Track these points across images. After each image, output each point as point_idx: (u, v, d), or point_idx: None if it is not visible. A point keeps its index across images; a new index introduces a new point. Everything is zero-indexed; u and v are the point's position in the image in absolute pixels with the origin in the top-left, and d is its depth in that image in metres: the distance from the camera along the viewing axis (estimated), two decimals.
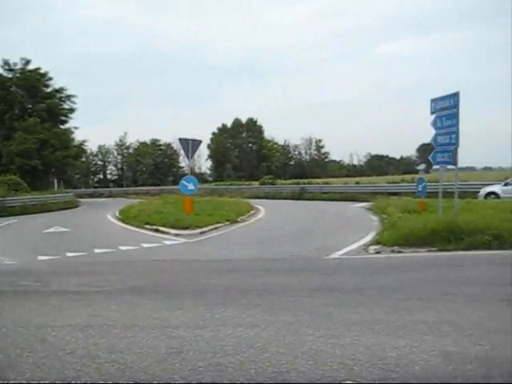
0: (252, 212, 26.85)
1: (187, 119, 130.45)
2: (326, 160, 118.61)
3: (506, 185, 28.10)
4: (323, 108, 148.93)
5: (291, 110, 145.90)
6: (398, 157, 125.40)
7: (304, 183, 51.09)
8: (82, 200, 49.62)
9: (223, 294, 7.64)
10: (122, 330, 5.63)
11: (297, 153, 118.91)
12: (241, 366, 4.46)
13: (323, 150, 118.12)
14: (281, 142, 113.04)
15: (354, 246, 13.06)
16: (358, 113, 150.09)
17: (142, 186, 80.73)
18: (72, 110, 54.90)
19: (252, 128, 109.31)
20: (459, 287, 7.73)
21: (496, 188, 28.46)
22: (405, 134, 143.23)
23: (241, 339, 5.18)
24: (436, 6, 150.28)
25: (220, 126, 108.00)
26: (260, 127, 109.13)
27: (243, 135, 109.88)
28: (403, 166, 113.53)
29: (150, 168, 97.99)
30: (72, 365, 4.61)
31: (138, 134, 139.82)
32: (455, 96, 14.00)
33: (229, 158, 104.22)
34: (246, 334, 5.37)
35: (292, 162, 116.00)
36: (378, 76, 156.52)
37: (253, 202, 33.03)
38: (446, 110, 14.36)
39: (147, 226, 19.92)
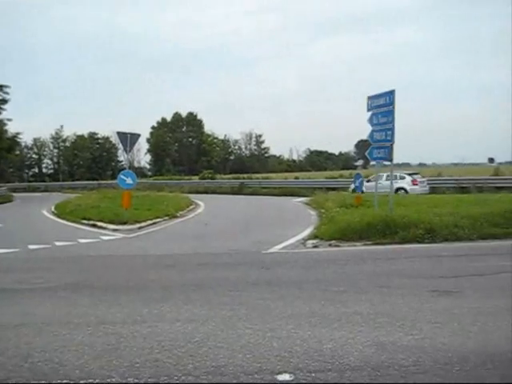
0: (191, 207, 26.73)
1: (126, 112, 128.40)
2: (266, 155, 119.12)
3: (368, 181, 30.32)
4: (263, 103, 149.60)
5: (232, 104, 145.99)
6: (336, 152, 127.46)
7: (244, 178, 51.24)
8: (16, 194, 47.83)
9: (161, 289, 7.60)
10: (57, 328, 5.52)
11: (237, 148, 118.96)
12: (178, 361, 4.45)
13: (263, 145, 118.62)
14: (221, 137, 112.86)
15: (293, 241, 13.19)
16: (297, 108, 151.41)
17: (79, 180, 78.60)
18: (4, 101, 52.74)
19: (192, 122, 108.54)
20: (393, 279, 7.98)
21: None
22: (343, 130, 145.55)
23: (178, 334, 5.18)
24: (375, 5, 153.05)
25: (159, 119, 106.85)
26: (200, 122, 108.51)
27: (183, 129, 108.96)
28: (342, 162, 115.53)
29: (87, 162, 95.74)
30: (3, 365, 4.48)
31: (75, 127, 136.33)
32: (391, 94, 14.35)
33: (168, 152, 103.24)
34: (184, 328, 5.36)
35: (232, 157, 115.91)
36: (317, 72, 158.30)
37: (192, 196, 32.87)
38: (382, 108, 14.70)
39: (84, 221, 19.46)
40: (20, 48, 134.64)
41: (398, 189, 28.41)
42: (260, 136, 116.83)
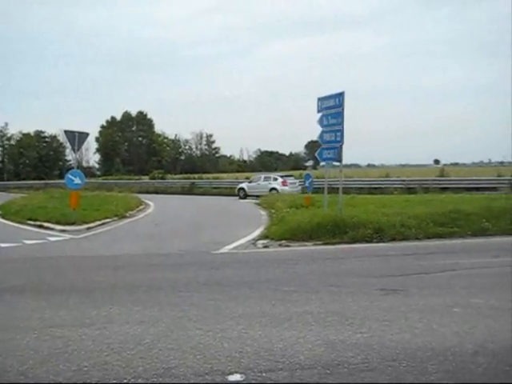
0: (141, 207, 26.51)
1: (75, 111, 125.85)
2: (217, 155, 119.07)
3: (250, 182, 37.38)
4: (214, 103, 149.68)
5: (182, 104, 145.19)
6: (287, 153, 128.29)
7: (194, 178, 51.16)
8: None
9: (110, 291, 7.47)
10: (1, 333, 5.34)
11: (187, 147, 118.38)
12: (128, 363, 4.39)
13: (214, 145, 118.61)
14: (171, 137, 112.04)
15: (243, 241, 13.22)
16: (249, 109, 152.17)
17: (25, 179, 76.48)
18: None
19: (142, 121, 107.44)
20: (343, 279, 8.09)
21: (244, 185, 37.40)
22: (294, 130, 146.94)
23: (128, 336, 5.10)
24: (327, 8, 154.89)
25: (109, 118, 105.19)
26: (150, 121, 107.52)
27: (133, 129, 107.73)
28: (292, 162, 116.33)
29: (33, 161, 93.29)
30: None
31: (22, 125, 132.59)
32: (340, 95, 14.53)
33: (118, 151, 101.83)
34: (134, 330, 5.29)
35: (183, 157, 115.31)
36: (269, 73, 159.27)
37: (142, 196, 32.56)
38: (332, 109, 14.88)
39: (30, 222, 18.97)
40: None
41: (272, 189, 33.64)
42: (211, 136, 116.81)
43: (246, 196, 35.71)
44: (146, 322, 5.61)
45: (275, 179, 34.84)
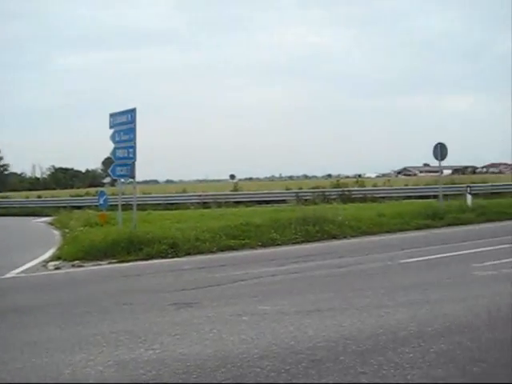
0: None
1: None
2: (6, 172, 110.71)
3: None
4: (3, 117, 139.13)
5: None
6: (83, 170, 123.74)
7: None
8: None
9: None
10: None
11: None
12: None
13: (2, 162, 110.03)
14: None
15: (33, 263, 12.39)
16: (43, 124, 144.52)
17: None
18: None
19: None
20: (137, 296, 8.06)
21: None
22: (91, 146, 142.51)
23: None
24: (128, 24, 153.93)
25: None
26: None
27: None
28: (89, 179, 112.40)
29: None
30: None
31: None
32: (132, 111, 14.48)
33: None
34: None
35: None
36: (66, 86, 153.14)
37: None
38: (124, 125, 14.75)
39: None
40: None
41: None
42: None
43: None
44: None
45: None
